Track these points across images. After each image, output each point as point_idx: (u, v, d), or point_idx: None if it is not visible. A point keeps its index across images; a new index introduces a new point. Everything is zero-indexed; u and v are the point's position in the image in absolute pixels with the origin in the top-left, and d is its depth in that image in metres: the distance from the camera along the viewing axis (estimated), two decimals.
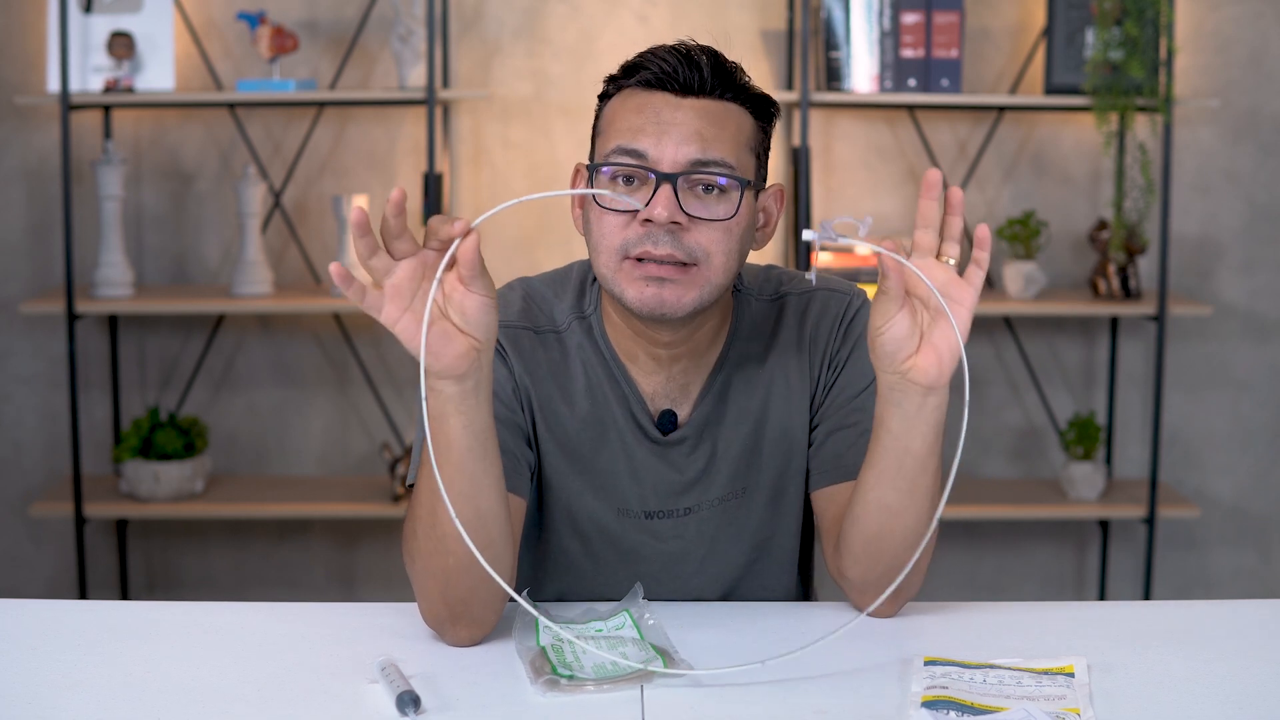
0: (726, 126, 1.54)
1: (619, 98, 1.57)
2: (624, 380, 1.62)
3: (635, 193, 1.52)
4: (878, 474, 1.48)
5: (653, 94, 1.54)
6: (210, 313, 3.42)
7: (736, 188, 1.53)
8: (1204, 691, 1.37)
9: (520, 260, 3.48)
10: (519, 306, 1.64)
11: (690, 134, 1.52)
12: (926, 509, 1.49)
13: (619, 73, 1.58)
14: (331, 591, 3.59)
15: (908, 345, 1.40)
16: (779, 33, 3.45)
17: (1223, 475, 3.61)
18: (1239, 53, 3.47)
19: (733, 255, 1.54)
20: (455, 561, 1.42)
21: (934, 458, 1.47)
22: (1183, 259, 3.52)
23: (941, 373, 1.40)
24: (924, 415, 1.44)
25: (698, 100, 1.53)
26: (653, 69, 1.54)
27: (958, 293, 1.38)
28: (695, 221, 1.51)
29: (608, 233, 1.53)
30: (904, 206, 3.50)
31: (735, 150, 1.54)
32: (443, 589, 1.44)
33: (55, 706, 1.32)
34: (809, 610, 1.62)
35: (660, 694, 1.35)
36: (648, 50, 1.57)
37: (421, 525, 1.43)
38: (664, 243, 1.50)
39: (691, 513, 1.64)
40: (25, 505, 3.50)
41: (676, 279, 1.51)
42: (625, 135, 1.53)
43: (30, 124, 3.44)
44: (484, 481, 1.42)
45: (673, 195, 1.50)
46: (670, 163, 1.51)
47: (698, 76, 1.53)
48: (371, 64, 3.44)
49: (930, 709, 1.30)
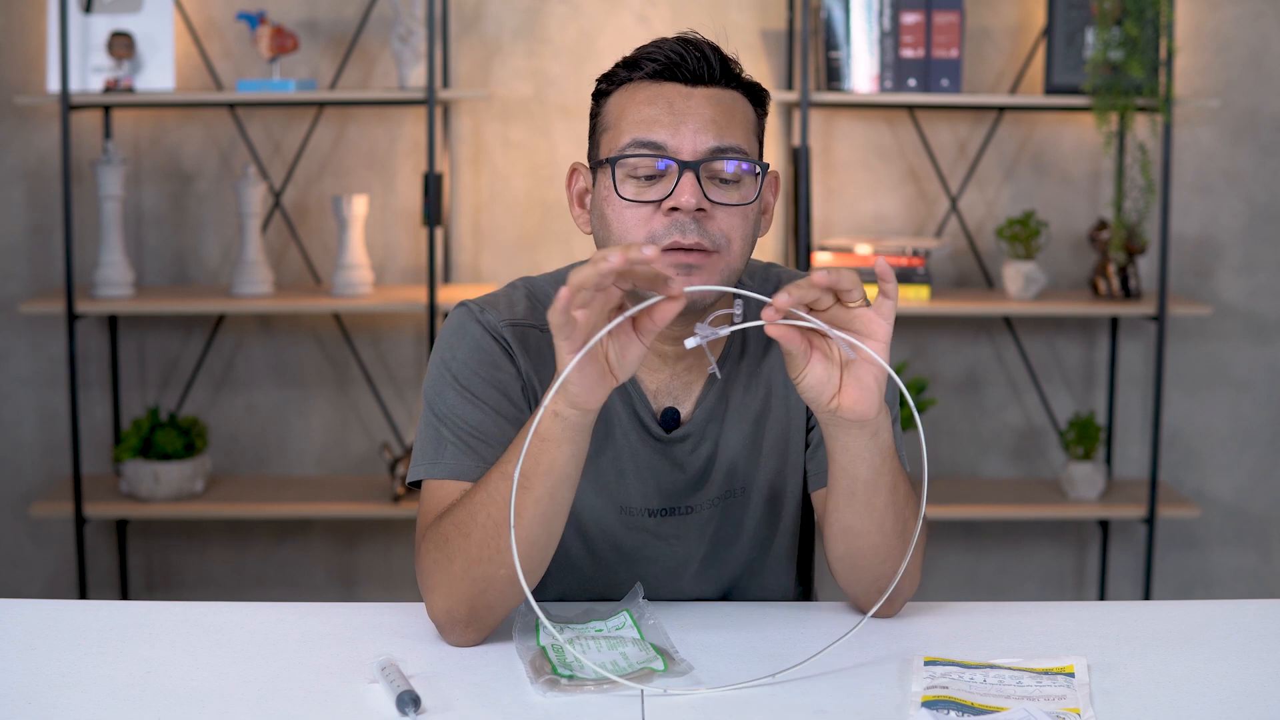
0: (736, 114, 1.55)
1: (625, 92, 1.57)
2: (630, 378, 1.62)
3: (653, 185, 1.53)
4: (835, 500, 1.50)
5: (663, 85, 1.55)
6: (210, 313, 3.42)
7: (753, 173, 1.54)
8: (1204, 691, 1.37)
9: (521, 260, 3.48)
10: (524, 305, 1.64)
11: (706, 121, 1.53)
12: (890, 525, 1.50)
13: (620, 67, 1.58)
14: (331, 591, 3.58)
15: (829, 387, 1.39)
16: (779, 33, 3.45)
17: (1223, 475, 3.61)
18: (1239, 53, 3.47)
19: (748, 241, 1.56)
20: (506, 574, 1.43)
21: (884, 477, 1.46)
22: (1183, 259, 3.52)
23: (869, 406, 1.39)
24: (863, 444, 1.44)
25: (708, 89, 1.55)
26: (660, 59, 1.55)
27: (868, 328, 1.37)
28: (716, 208, 1.52)
29: (632, 226, 1.53)
30: (904, 206, 3.51)
31: (746, 136, 1.56)
32: (477, 594, 1.45)
33: (55, 706, 1.32)
34: (809, 610, 1.62)
35: (660, 694, 1.35)
36: (651, 43, 1.57)
37: (481, 531, 1.43)
38: (691, 231, 1.51)
39: (693, 511, 1.65)
40: (25, 505, 3.50)
41: (702, 265, 1.52)
42: (640, 127, 1.53)
43: (30, 124, 3.44)
44: (565, 510, 1.44)
45: (696, 183, 1.51)
46: (690, 151, 1.52)
47: (706, 65, 1.54)
48: (371, 64, 3.44)
49: (930, 709, 1.30)
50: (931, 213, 3.52)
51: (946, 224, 3.51)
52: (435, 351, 1.62)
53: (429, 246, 3.25)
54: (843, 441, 1.44)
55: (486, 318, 1.61)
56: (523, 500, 1.41)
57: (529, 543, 1.42)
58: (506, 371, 1.59)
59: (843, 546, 1.52)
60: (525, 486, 1.40)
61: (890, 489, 1.48)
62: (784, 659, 1.44)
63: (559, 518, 1.44)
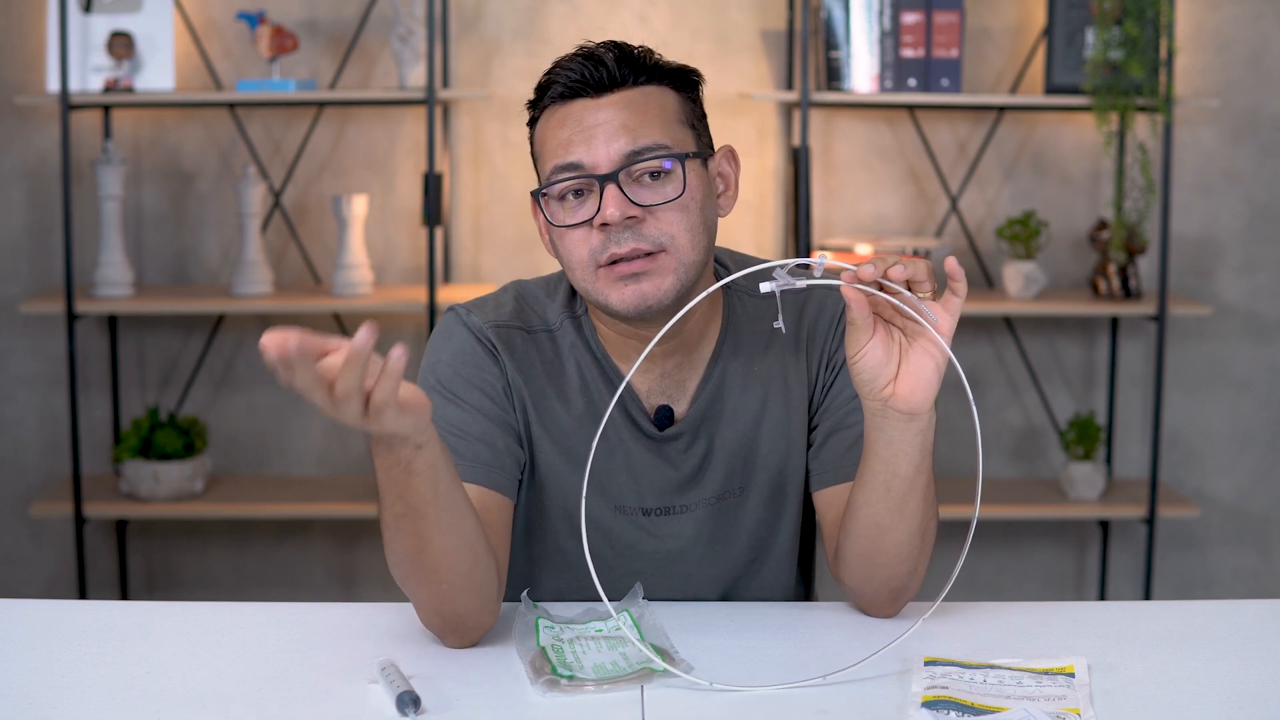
0: (650, 110, 1.55)
1: (543, 119, 1.58)
2: (617, 377, 1.62)
3: (584, 204, 1.54)
4: (866, 495, 1.49)
5: (570, 104, 1.55)
6: (210, 313, 3.42)
7: (678, 164, 1.54)
8: (1204, 691, 1.37)
9: (520, 261, 3.48)
10: (511, 307, 1.65)
11: (616, 129, 1.53)
12: (917, 524, 1.50)
13: (534, 96, 1.60)
14: (331, 591, 3.58)
15: (885, 371, 1.40)
16: (779, 33, 3.45)
17: (1223, 475, 3.61)
18: (1239, 53, 3.47)
19: (697, 230, 1.55)
20: (448, 586, 1.43)
21: (922, 475, 1.47)
22: (1183, 259, 3.52)
23: (923, 399, 1.41)
24: (909, 440, 1.44)
25: (615, 94, 1.55)
26: (562, 80, 1.55)
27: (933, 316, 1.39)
28: (650, 210, 1.52)
29: (573, 248, 1.54)
30: (904, 206, 3.50)
31: (666, 129, 1.55)
32: (438, 607, 1.45)
33: (55, 706, 1.32)
34: (809, 610, 1.62)
35: (660, 694, 1.35)
36: (553, 65, 1.58)
37: (406, 562, 1.43)
38: (626, 240, 1.52)
39: (689, 510, 1.65)
40: (25, 505, 3.50)
41: (649, 270, 1.52)
42: (558, 152, 1.54)
43: (30, 124, 3.44)
44: (461, 506, 1.42)
45: (619, 192, 1.51)
46: (606, 162, 1.52)
47: (605, 72, 1.54)
48: (371, 64, 3.44)
49: (930, 709, 1.30)
50: (931, 213, 3.52)
51: (946, 224, 3.51)
52: (425, 356, 1.65)
53: (429, 246, 3.25)
54: (888, 434, 1.44)
55: (472, 320, 1.63)
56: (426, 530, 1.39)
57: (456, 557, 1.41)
58: (489, 372, 1.61)
59: (865, 543, 1.51)
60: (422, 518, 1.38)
61: (925, 487, 1.48)
62: (785, 659, 1.44)
63: (463, 518, 1.41)
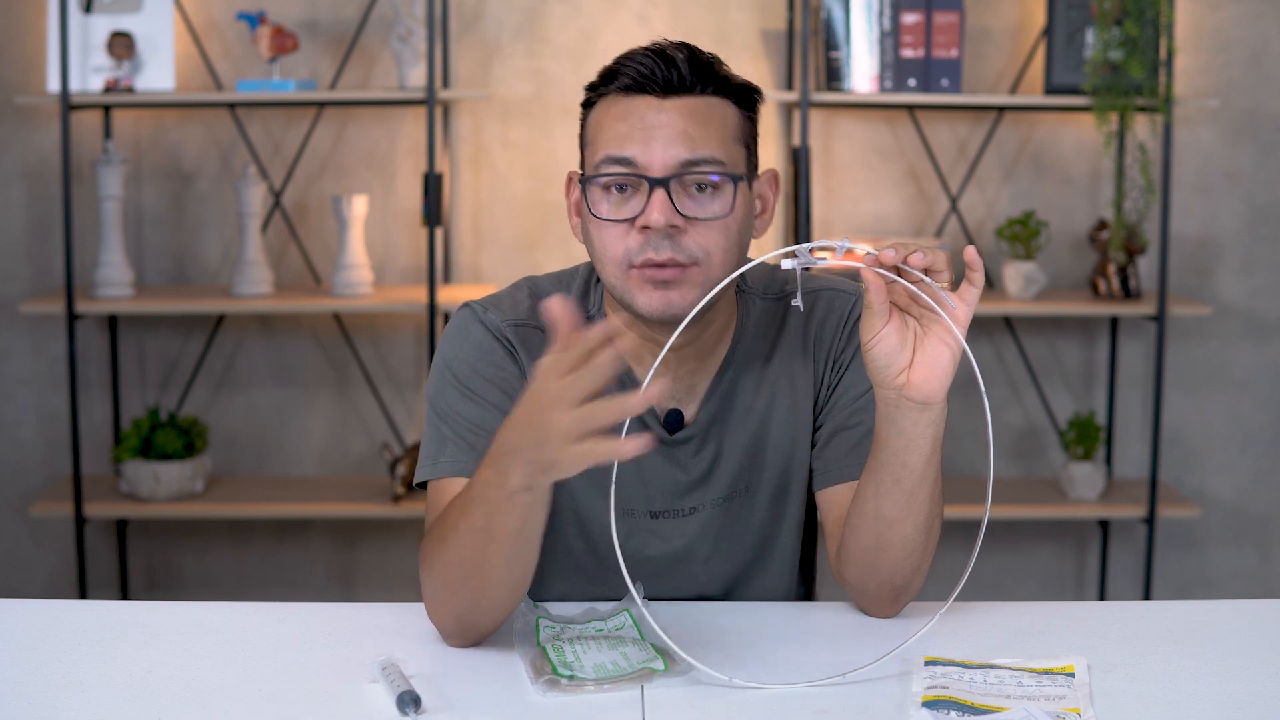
0: (712, 122, 1.53)
1: (601, 105, 1.57)
2: (630, 381, 1.62)
3: (629, 200, 1.52)
4: (875, 486, 1.49)
5: (634, 98, 1.53)
6: (210, 313, 3.42)
7: (729, 184, 1.52)
8: (1204, 691, 1.37)
9: (520, 260, 3.48)
10: (527, 305, 1.64)
11: (676, 135, 1.51)
12: (925, 519, 1.50)
13: (598, 79, 1.58)
14: (331, 591, 3.58)
15: (900, 358, 1.40)
16: (779, 33, 3.45)
17: (1223, 475, 3.61)
18: (1239, 53, 3.47)
19: (732, 251, 1.54)
20: (486, 604, 1.43)
21: (932, 469, 1.47)
22: (1183, 259, 3.51)
23: (937, 388, 1.41)
24: (921, 430, 1.44)
25: (680, 99, 1.52)
26: (630, 73, 1.53)
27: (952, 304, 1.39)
28: (692, 222, 1.51)
29: (609, 243, 1.53)
30: (904, 206, 3.50)
31: (724, 145, 1.53)
32: (463, 613, 1.45)
33: (55, 706, 1.32)
34: (810, 610, 1.62)
35: (660, 694, 1.35)
36: (624, 54, 1.56)
37: (458, 570, 1.42)
38: (664, 248, 1.50)
39: (695, 512, 1.64)
40: (25, 505, 3.50)
41: (679, 280, 1.51)
42: (612, 144, 1.53)
43: (30, 124, 3.44)
44: (533, 549, 1.42)
45: (667, 199, 1.50)
46: (660, 166, 1.51)
47: (676, 75, 1.52)
48: (371, 64, 3.44)
49: (930, 709, 1.30)
50: (931, 213, 3.52)
51: (946, 224, 3.50)
52: (438, 353, 1.63)
53: (429, 246, 3.25)
54: (900, 425, 1.44)
55: (489, 318, 1.61)
56: (494, 554, 1.39)
57: (508, 583, 1.42)
58: (508, 370, 1.59)
59: (871, 537, 1.51)
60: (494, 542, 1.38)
61: (934, 482, 1.48)
62: (785, 659, 1.44)
63: (534, 553, 1.42)
